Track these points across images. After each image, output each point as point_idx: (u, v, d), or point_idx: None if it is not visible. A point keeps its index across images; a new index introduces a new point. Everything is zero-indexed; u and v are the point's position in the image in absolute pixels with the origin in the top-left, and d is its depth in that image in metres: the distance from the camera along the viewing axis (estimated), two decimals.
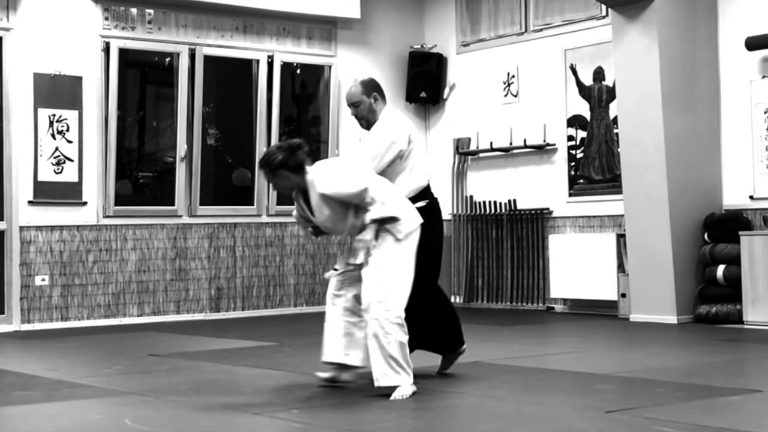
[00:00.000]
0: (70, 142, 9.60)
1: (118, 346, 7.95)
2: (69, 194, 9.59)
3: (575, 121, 10.38)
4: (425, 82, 11.52)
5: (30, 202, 9.43)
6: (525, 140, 10.73)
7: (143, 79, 10.87)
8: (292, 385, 5.57)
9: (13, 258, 9.37)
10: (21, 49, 9.45)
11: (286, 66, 10.94)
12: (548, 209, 10.59)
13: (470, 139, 11.34)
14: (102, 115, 9.81)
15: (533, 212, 10.69)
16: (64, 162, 9.56)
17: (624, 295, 9.59)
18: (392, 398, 5.09)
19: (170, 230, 10.18)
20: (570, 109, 10.42)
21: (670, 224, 8.94)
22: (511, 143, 10.90)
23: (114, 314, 9.83)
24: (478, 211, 11.20)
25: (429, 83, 11.53)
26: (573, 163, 10.40)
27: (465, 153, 11.35)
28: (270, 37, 10.82)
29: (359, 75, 11.33)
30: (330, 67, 11.17)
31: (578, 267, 9.99)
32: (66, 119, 9.58)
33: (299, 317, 10.23)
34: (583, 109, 10.31)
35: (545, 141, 10.60)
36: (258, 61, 10.70)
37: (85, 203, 9.70)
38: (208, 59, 10.44)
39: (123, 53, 9.99)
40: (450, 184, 11.41)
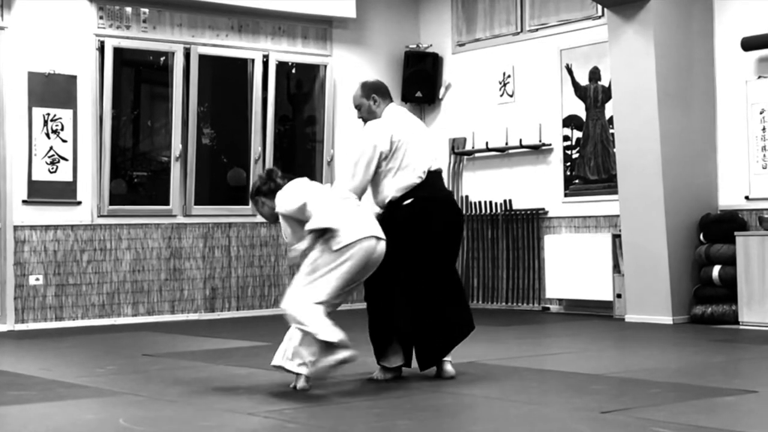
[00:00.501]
0: (65, 142, 9.58)
1: (113, 346, 7.94)
2: (63, 194, 9.57)
3: (571, 121, 10.37)
4: (421, 82, 11.52)
5: (24, 202, 9.41)
6: (521, 140, 10.72)
7: (138, 79, 10.85)
8: (287, 385, 5.56)
9: (7, 257, 9.35)
10: (15, 48, 9.42)
11: (282, 65, 10.93)
12: (544, 209, 10.59)
13: (466, 139, 11.33)
14: (96, 115, 9.79)
15: (529, 212, 10.68)
16: (59, 161, 9.54)
17: (619, 296, 9.58)
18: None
19: (165, 230, 10.16)
20: (566, 109, 10.42)
21: (666, 225, 8.94)
22: (507, 143, 10.90)
23: (108, 314, 9.81)
24: (474, 212, 11.19)
25: (424, 83, 11.53)
26: (569, 163, 10.39)
27: (460, 153, 11.34)
28: (265, 37, 10.80)
29: (364, 77, 11.41)
30: (325, 67, 11.16)
31: (574, 267, 9.99)
32: (60, 118, 9.56)
33: None
34: (579, 109, 10.30)
35: (541, 141, 10.59)
36: (253, 61, 10.69)
37: (80, 203, 9.68)
38: (203, 58, 10.42)
39: (118, 52, 9.98)
40: (446, 184, 11.39)
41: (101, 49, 9.82)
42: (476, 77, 11.32)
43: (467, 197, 11.32)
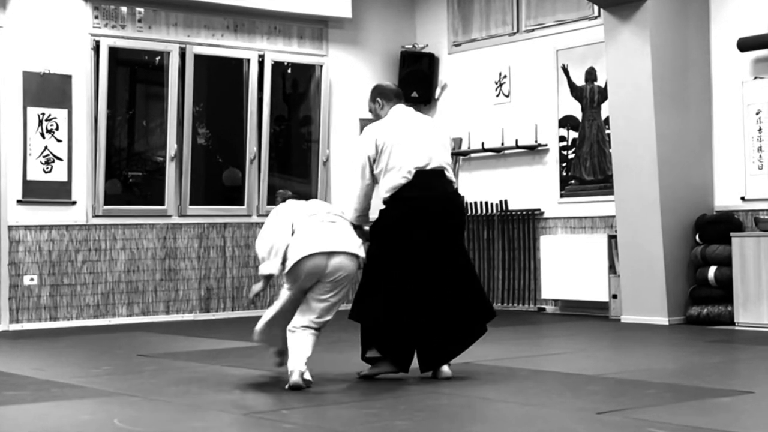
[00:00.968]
0: (60, 141, 9.56)
1: (107, 347, 7.92)
2: (58, 193, 9.55)
3: (567, 122, 10.37)
4: (417, 82, 11.50)
5: (19, 202, 9.38)
6: (516, 141, 10.71)
7: (133, 78, 10.83)
8: (282, 386, 5.55)
9: (2, 258, 9.32)
10: (10, 48, 9.40)
11: (277, 65, 10.91)
12: (540, 210, 10.58)
13: (462, 140, 11.32)
14: (92, 114, 9.76)
15: (525, 213, 10.68)
16: (54, 161, 9.52)
17: (615, 296, 9.58)
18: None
19: (160, 230, 10.14)
20: (562, 110, 10.41)
21: (662, 225, 8.93)
22: (503, 144, 10.89)
23: (103, 314, 9.78)
24: (470, 212, 11.18)
25: (420, 83, 11.51)
26: (564, 164, 10.38)
27: (456, 153, 11.33)
28: (261, 37, 10.79)
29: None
30: (321, 67, 11.14)
31: (569, 268, 9.98)
32: (55, 118, 9.53)
33: None
34: (575, 110, 10.30)
35: (537, 141, 10.59)
36: (249, 61, 10.67)
37: (75, 203, 9.66)
38: (199, 58, 10.40)
39: (113, 52, 9.95)
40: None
41: (96, 49, 9.80)
42: (472, 77, 11.31)
43: (463, 198, 11.29)
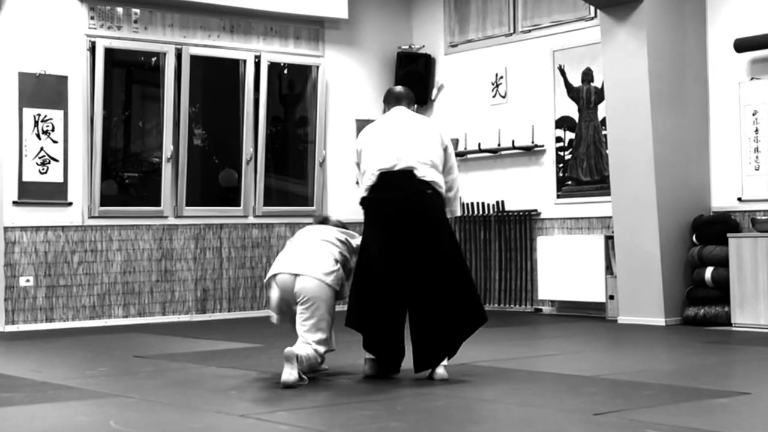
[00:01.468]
0: (56, 142, 9.54)
1: (103, 348, 7.90)
2: (54, 195, 9.53)
3: (563, 123, 10.36)
4: (413, 83, 11.46)
5: (15, 203, 9.37)
6: (513, 141, 10.71)
7: (129, 79, 10.81)
8: (279, 387, 5.54)
9: None
10: (6, 48, 9.39)
11: (274, 66, 10.90)
12: (536, 211, 10.57)
13: (458, 140, 11.30)
14: (87, 115, 9.75)
15: (521, 214, 10.67)
16: (49, 162, 9.50)
17: (612, 297, 9.58)
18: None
19: (156, 231, 10.12)
20: (558, 111, 10.41)
21: (659, 226, 8.93)
22: (500, 144, 10.88)
23: (99, 315, 9.77)
24: (466, 213, 11.17)
25: (417, 84, 11.49)
26: (561, 165, 10.38)
27: None
28: (257, 37, 10.78)
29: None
30: (317, 68, 11.13)
31: (566, 269, 9.98)
32: (51, 119, 9.52)
33: None
34: (572, 111, 10.30)
35: (533, 142, 10.58)
36: (245, 61, 10.66)
37: (71, 204, 9.64)
38: (195, 59, 10.39)
39: (109, 53, 9.94)
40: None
41: (92, 50, 9.78)
42: (469, 78, 11.31)
43: (460, 198, 11.29)
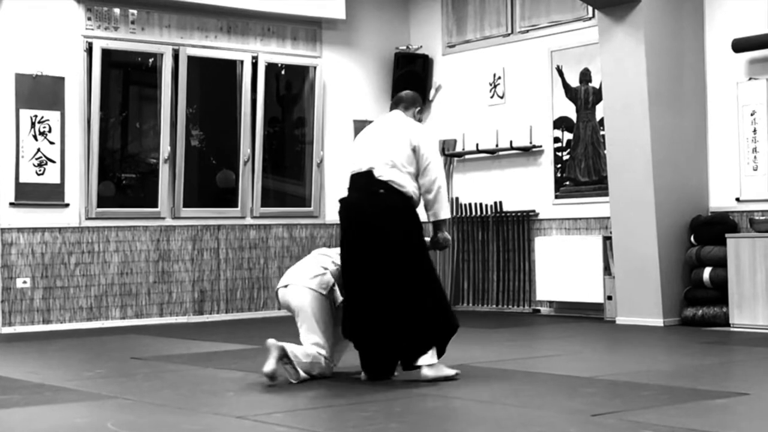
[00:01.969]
0: (52, 144, 9.53)
1: (101, 349, 7.89)
2: (51, 196, 9.52)
3: (561, 123, 10.35)
4: (411, 84, 11.44)
5: (11, 204, 9.35)
6: (511, 142, 10.70)
7: (126, 80, 10.80)
8: (276, 389, 5.53)
9: None
10: (3, 49, 9.37)
11: (271, 67, 10.89)
12: (534, 211, 10.56)
13: (456, 141, 11.30)
14: (84, 116, 9.74)
15: (519, 214, 10.66)
16: (46, 163, 9.49)
17: (610, 298, 9.57)
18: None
19: (153, 232, 10.11)
20: (556, 111, 10.40)
21: (657, 226, 8.92)
22: (497, 145, 10.87)
23: (96, 317, 9.75)
24: (464, 213, 11.16)
25: (414, 85, 11.46)
26: (559, 165, 10.37)
27: (451, 155, 11.31)
28: (254, 38, 10.76)
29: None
30: (315, 68, 11.12)
31: (564, 269, 9.97)
32: (48, 120, 9.50)
33: (283, 320, 10.15)
34: (570, 111, 10.28)
35: (531, 143, 10.57)
36: (242, 62, 10.65)
37: (67, 205, 9.63)
38: (192, 60, 10.38)
39: (106, 54, 9.93)
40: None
41: (89, 51, 9.77)
42: (466, 79, 11.29)
43: (457, 199, 11.30)
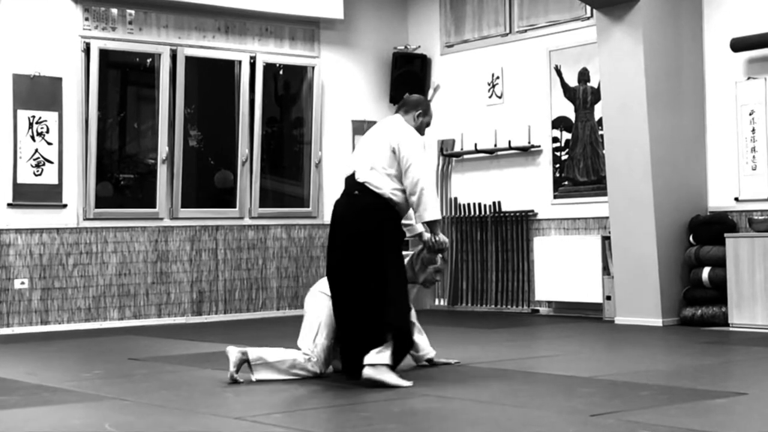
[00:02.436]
0: (50, 144, 9.51)
1: (99, 350, 7.88)
2: (49, 196, 9.51)
3: (560, 123, 10.34)
4: (409, 84, 11.45)
5: (9, 205, 9.34)
6: (510, 142, 10.69)
7: (124, 80, 10.79)
8: (274, 390, 5.52)
9: None
10: (0, 50, 9.35)
11: (269, 67, 10.88)
12: (533, 211, 10.56)
13: (454, 141, 11.29)
14: (82, 117, 9.72)
15: (518, 214, 10.65)
16: (44, 164, 9.47)
17: (609, 298, 9.56)
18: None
19: (151, 233, 10.10)
20: (555, 111, 10.39)
21: (655, 226, 8.92)
22: (496, 145, 10.86)
23: (94, 318, 9.74)
24: (463, 213, 11.16)
25: (413, 84, 11.46)
26: (558, 165, 10.36)
27: (449, 155, 11.31)
28: (252, 38, 10.75)
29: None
30: (313, 68, 11.11)
31: (563, 269, 9.96)
32: (46, 121, 9.49)
33: (282, 320, 10.17)
34: (568, 111, 10.28)
35: (530, 143, 10.56)
36: (240, 62, 10.64)
37: (65, 205, 9.62)
38: (190, 60, 10.37)
39: (103, 54, 9.92)
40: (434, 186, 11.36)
41: (87, 51, 9.75)
42: (465, 78, 11.29)
43: (456, 199, 11.29)
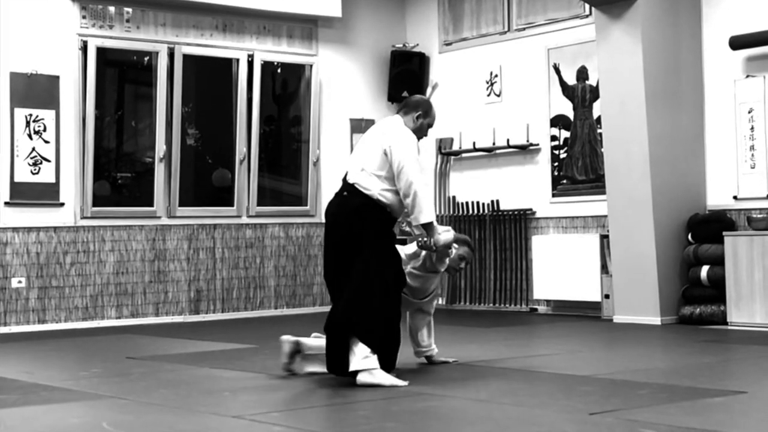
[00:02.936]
0: (47, 143, 9.50)
1: (96, 349, 7.88)
2: (46, 195, 9.49)
3: (558, 121, 10.34)
4: (407, 82, 11.46)
5: (6, 203, 9.32)
6: (508, 140, 10.68)
7: (121, 79, 10.77)
8: (273, 388, 5.52)
9: None
10: None
11: (267, 65, 10.87)
12: (531, 210, 10.55)
13: (453, 139, 11.28)
14: (80, 115, 9.71)
15: (516, 213, 10.64)
16: (41, 162, 9.46)
17: (607, 296, 9.55)
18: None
19: (149, 231, 10.08)
20: (553, 109, 10.38)
21: (654, 225, 8.91)
22: (494, 143, 10.86)
23: (92, 317, 9.73)
24: (461, 212, 11.15)
25: (411, 83, 11.47)
26: (556, 164, 10.35)
27: (447, 153, 11.30)
28: (250, 36, 10.74)
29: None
30: (311, 67, 11.10)
31: (561, 268, 9.95)
32: (43, 119, 9.48)
33: (280, 319, 10.17)
34: (567, 109, 10.27)
35: (528, 141, 10.56)
36: (238, 61, 10.62)
37: (63, 204, 9.60)
38: (188, 58, 10.35)
39: (101, 52, 9.90)
40: (432, 185, 11.36)
41: (84, 49, 9.74)
42: (463, 77, 11.28)
43: (454, 198, 11.28)
